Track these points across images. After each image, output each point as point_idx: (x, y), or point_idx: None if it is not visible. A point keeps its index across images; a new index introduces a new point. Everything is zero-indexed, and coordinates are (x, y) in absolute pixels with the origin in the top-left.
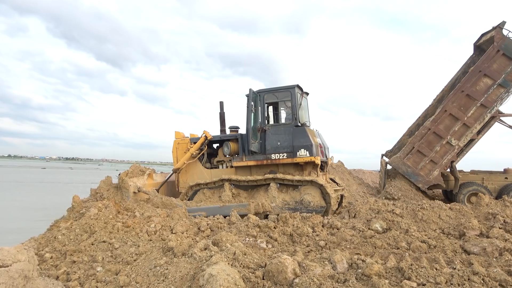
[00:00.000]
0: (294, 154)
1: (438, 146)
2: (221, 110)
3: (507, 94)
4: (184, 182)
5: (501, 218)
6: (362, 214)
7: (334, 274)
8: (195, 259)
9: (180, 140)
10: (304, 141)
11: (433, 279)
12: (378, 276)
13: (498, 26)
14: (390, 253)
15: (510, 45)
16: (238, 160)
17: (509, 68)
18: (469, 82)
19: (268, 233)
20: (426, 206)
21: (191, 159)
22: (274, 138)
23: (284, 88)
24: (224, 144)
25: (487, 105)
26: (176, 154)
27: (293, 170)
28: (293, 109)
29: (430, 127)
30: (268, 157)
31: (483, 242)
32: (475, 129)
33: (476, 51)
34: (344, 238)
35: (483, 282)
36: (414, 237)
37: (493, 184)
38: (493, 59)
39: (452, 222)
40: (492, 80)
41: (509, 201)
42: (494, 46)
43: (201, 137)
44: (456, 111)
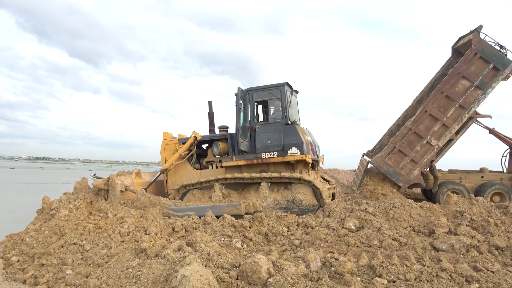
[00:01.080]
0: (285, 152)
1: (419, 146)
2: (210, 110)
3: (484, 95)
4: (172, 183)
5: (468, 216)
6: (336, 213)
7: (307, 272)
8: (168, 260)
9: (169, 141)
10: (295, 139)
11: (403, 275)
12: (350, 274)
13: (476, 30)
14: (363, 251)
15: (487, 49)
16: (228, 160)
17: (486, 71)
18: (448, 84)
19: (243, 233)
20: (398, 204)
21: (180, 160)
22: (264, 136)
23: (273, 86)
24: (214, 144)
25: (465, 106)
26: (165, 155)
27: (284, 169)
28: (283, 107)
29: (411, 127)
30: (259, 156)
31: (451, 239)
32: (453, 129)
33: (454, 53)
34: (318, 237)
35: (450, 278)
36: (386, 235)
37: (470, 183)
38: (470, 62)
39: (422, 220)
40: (470, 82)
41: (476, 199)
42: (472, 49)
43: (190, 138)
44: (436, 112)
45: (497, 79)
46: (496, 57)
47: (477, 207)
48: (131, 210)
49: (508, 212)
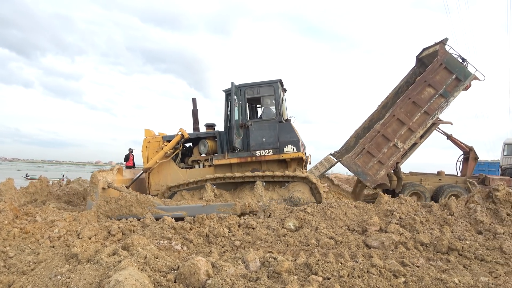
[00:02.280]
0: (280, 150)
1: (386, 148)
2: (194, 107)
3: (447, 103)
4: (156, 183)
5: (397, 215)
6: (277, 213)
7: (246, 273)
8: (102, 265)
9: (151, 139)
10: (291, 136)
11: (337, 272)
12: (288, 272)
13: (442, 42)
14: (301, 250)
15: (451, 60)
16: (220, 158)
17: (449, 80)
18: (415, 91)
19: (183, 234)
20: (335, 204)
21: (165, 159)
22: (258, 134)
23: (266, 83)
24: (201, 143)
25: (429, 112)
26: (147, 153)
27: (277, 167)
28: (276, 104)
29: (380, 129)
30: (253, 154)
31: (382, 237)
32: (418, 134)
33: (417, 63)
34: (259, 237)
35: (380, 274)
36: (323, 234)
37: (429, 184)
38: (436, 71)
39: (357, 219)
40: (434, 90)
41: (404, 199)
42: (438, 59)
43: (176, 135)
44: (403, 116)
45: (458, 88)
46: (458, 68)
47: (405, 206)
48: (64, 213)
49: (432, 211)
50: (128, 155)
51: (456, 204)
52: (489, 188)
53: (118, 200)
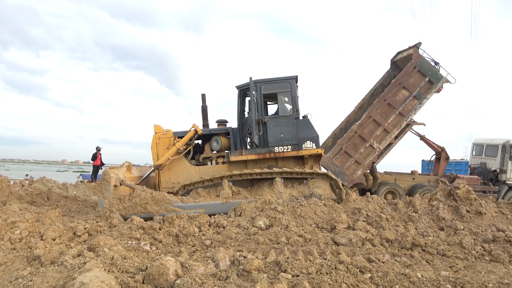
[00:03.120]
0: (299, 146)
1: (362, 148)
2: (204, 104)
3: (420, 105)
4: (166, 180)
5: (364, 212)
6: (248, 212)
7: (216, 272)
8: (66, 267)
9: (161, 134)
10: (310, 132)
11: (306, 269)
12: (257, 270)
13: (415, 46)
14: (271, 248)
15: (424, 64)
16: (236, 154)
17: (423, 83)
18: (390, 93)
19: (152, 235)
20: (304, 203)
21: (177, 155)
22: (276, 130)
23: (283, 79)
24: (213, 139)
25: (404, 113)
26: (157, 150)
27: (293, 164)
28: (293, 100)
29: (357, 130)
30: (271, 150)
31: (349, 234)
32: (393, 134)
33: (392, 66)
34: (229, 236)
35: (347, 270)
36: (293, 232)
37: (404, 184)
38: (410, 74)
39: (326, 217)
40: (408, 92)
41: (372, 197)
42: (411, 62)
43: (189, 131)
44: (378, 117)
45: (431, 91)
46: (431, 71)
47: (372, 204)
48: (26, 214)
49: (397, 208)
50: (95, 154)
51: (420, 202)
52: (450, 186)
53: (132, 198)
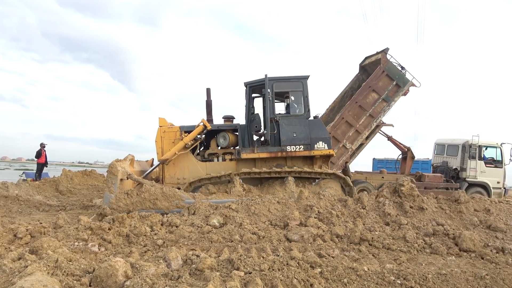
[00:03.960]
0: (311, 146)
1: (336, 148)
2: (208, 98)
3: (388, 107)
4: (171, 176)
5: (316, 209)
6: (202, 210)
7: (168, 272)
8: (5, 272)
9: (167, 128)
10: (322, 133)
11: (258, 266)
12: (210, 269)
13: (383, 51)
14: (225, 246)
15: (391, 68)
16: (248, 152)
17: (390, 86)
18: (361, 95)
19: (101, 235)
20: (258, 200)
21: (183, 150)
22: (288, 129)
23: (296, 78)
24: (220, 135)
25: (374, 115)
26: (162, 144)
27: (302, 163)
28: (305, 100)
29: (330, 131)
30: (283, 149)
31: (301, 231)
32: (364, 135)
33: (360, 70)
34: (182, 235)
35: (298, 265)
36: (246, 229)
37: (374, 182)
38: (379, 78)
39: (279, 214)
40: (378, 95)
41: (323, 194)
42: (380, 67)
43: (198, 126)
44: (350, 119)
45: (398, 94)
46: (398, 75)
47: (324, 201)
48: None
49: (347, 205)
50: (40, 151)
51: (368, 198)
52: (396, 184)
53: (141, 193)
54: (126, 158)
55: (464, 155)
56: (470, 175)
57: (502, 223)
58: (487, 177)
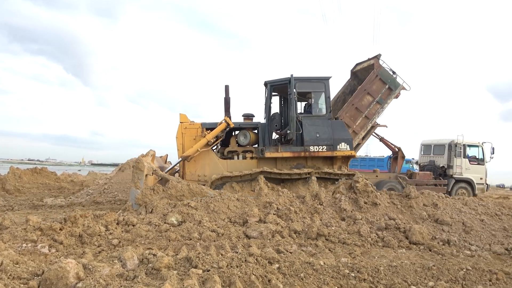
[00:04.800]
0: (334, 147)
1: None
2: (226, 95)
3: (382, 109)
4: (192, 172)
5: (275, 206)
6: (159, 209)
7: (123, 272)
8: None
9: (188, 125)
10: (345, 134)
11: (217, 264)
12: (167, 268)
13: (376, 57)
14: (183, 245)
15: (384, 73)
16: (272, 150)
17: (383, 90)
18: (357, 98)
19: (52, 236)
20: (218, 198)
21: (205, 147)
22: (311, 129)
23: (318, 79)
24: (241, 133)
25: (369, 116)
26: (183, 140)
27: (322, 163)
28: (327, 101)
29: None
30: (306, 149)
31: (260, 227)
32: (361, 135)
33: (352, 76)
34: (139, 234)
35: (256, 262)
36: (205, 227)
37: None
38: (373, 82)
39: (238, 211)
40: (372, 98)
41: (282, 191)
42: (374, 71)
43: (221, 123)
44: (348, 121)
45: (390, 97)
46: (390, 80)
47: (283, 198)
48: None
49: (305, 201)
50: None
51: (325, 195)
52: (351, 181)
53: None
54: (148, 154)
55: (451, 154)
56: (456, 172)
57: (448, 217)
58: (471, 174)
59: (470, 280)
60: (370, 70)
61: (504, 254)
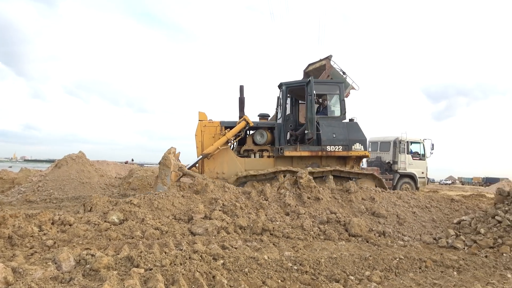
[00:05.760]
0: (349, 147)
1: None
2: (241, 95)
3: None
4: (210, 170)
5: (221, 202)
6: (99, 207)
7: (58, 274)
8: None
9: (207, 123)
10: (359, 135)
11: (160, 262)
12: (107, 268)
13: (327, 58)
14: (125, 244)
15: (335, 73)
16: (290, 149)
17: None
18: None
19: None
20: (162, 195)
21: (225, 145)
22: (328, 130)
23: (333, 82)
24: (258, 132)
25: None
26: (202, 138)
27: (335, 163)
28: (341, 103)
29: None
30: (324, 148)
31: (206, 224)
32: None
33: (304, 76)
34: (76, 234)
35: (201, 258)
36: (149, 225)
37: None
38: None
39: (183, 208)
40: None
41: (228, 187)
42: (325, 72)
43: (240, 122)
44: (302, 119)
45: None
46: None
47: (228, 194)
48: None
49: (250, 197)
50: None
51: (270, 190)
52: (296, 176)
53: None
54: (170, 151)
55: (395, 150)
56: (401, 167)
57: (384, 210)
58: (414, 169)
59: (402, 269)
60: (322, 70)
61: (433, 243)
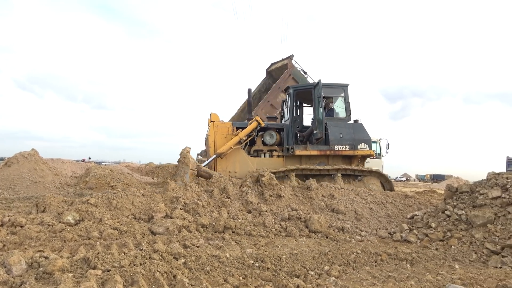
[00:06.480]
0: (355, 147)
1: None
2: (249, 98)
3: None
4: (223, 169)
5: (182, 200)
6: (53, 207)
7: (8, 279)
8: None
9: (220, 123)
10: (364, 135)
11: (118, 263)
12: (61, 271)
13: (289, 57)
14: (81, 245)
15: (296, 72)
16: (300, 149)
17: None
18: (272, 95)
19: None
20: (121, 194)
21: (237, 145)
22: (336, 130)
23: (339, 85)
24: (267, 133)
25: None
26: (215, 138)
27: (341, 162)
28: (346, 105)
29: None
30: (332, 148)
31: (167, 223)
32: None
33: (267, 75)
34: (28, 236)
35: (161, 258)
36: (107, 225)
37: None
38: (286, 80)
39: (144, 207)
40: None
41: (189, 185)
42: (287, 71)
43: (252, 123)
44: (263, 117)
45: None
46: (301, 79)
47: (190, 192)
48: None
49: (212, 195)
50: None
51: (233, 188)
52: (258, 174)
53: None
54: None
55: None
56: None
57: (342, 206)
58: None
59: (359, 262)
60: (284, 69)
61: (388, 237)
